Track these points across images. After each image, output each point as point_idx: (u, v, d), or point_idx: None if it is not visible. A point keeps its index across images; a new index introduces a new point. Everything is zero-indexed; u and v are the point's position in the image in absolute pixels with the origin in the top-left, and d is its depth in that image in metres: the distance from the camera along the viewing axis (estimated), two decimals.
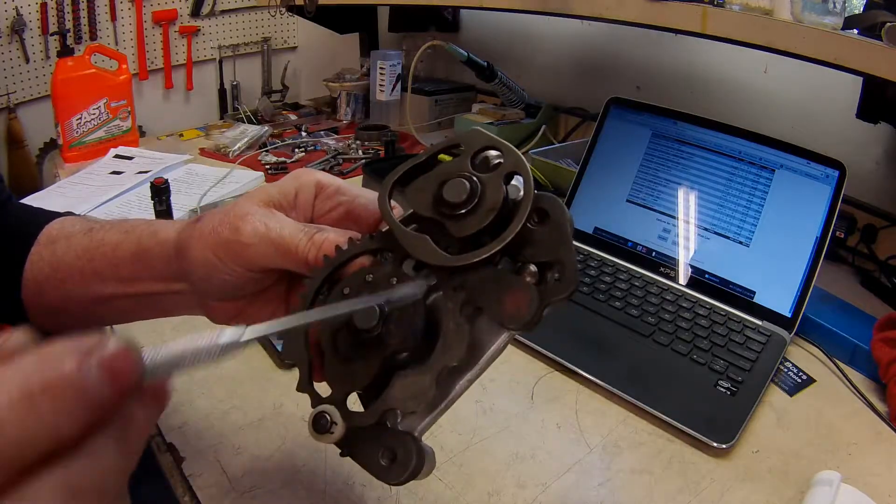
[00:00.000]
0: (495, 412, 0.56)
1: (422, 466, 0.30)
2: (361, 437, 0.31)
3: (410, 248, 0.31)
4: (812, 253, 0.69)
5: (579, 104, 1.34)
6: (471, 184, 0.30)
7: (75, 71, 1.15)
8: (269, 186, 0.38)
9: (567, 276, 0.30)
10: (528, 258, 0.30)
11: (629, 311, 0.70)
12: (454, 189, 0.30)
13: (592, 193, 0.86)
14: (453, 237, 0.31)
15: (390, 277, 0.31)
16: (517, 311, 0.29)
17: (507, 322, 0.29)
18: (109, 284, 0.41)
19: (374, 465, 0.30)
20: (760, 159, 0.75)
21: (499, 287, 0.30)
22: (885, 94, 0.83)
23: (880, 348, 0.62)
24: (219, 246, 0.35)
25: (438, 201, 0.31)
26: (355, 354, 0.31)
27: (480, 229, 0.30)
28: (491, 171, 0.31)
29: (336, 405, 0.31)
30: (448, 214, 0.31)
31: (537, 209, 0.31)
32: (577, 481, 0.49)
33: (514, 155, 0.31)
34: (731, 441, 0.53)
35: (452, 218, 0.30)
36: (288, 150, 1.26)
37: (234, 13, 1.74)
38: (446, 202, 0.30)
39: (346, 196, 0.38)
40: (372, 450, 0.30)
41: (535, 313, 0.29)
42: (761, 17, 0.75)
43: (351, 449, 0.31)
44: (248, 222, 0.34)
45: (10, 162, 1.48)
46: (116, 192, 1.01)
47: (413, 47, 1.45)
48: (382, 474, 0.30)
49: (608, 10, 0.88)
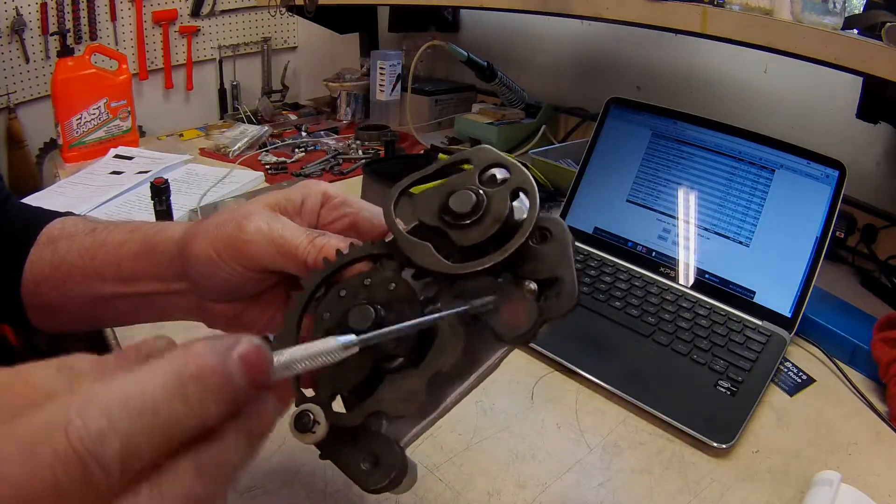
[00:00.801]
0: (495, 412, 0.56)
1: (404, 475, 0.30)
2: (344, 439, 0.30)
3: (412, 254, 0.31)
4: (812, 253, 0.69)
5: (579, 104, 1.34)
6: (477, 196, 0.31)
7: (75, 71, 1.15)
8: (276, 192, 0.38)
9: (566, 293, 0.29)
10: (529, 274, 0.30)
11: (629, 311, 0.70)
12: (461, 199, 0.31)
13: (592, 193, 0.86)
14: (456, 247, 0.31)
15: (389, 283, 0.31)
16: (514, 323, 0.29)
17: (503, 333, 0.29)
18: (110, 284, 0.41)
19: (354, 469, 0.29)
20: (760, 159, 0.75)
21: (498, 298, 0.30)
22: (885, 94, 0.83)
23: (880, 348, 0.62)
24: (220, 241, 0.35)
25: (444, 210, 0.31)
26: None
27: (484, 240, 0.30)
28: (497, 187, 0.31)
29: (321, 405, 0.30)
30: (453, 224, 0.31)
31: (540, 229, 0.31)
32: (577, 481, 0.49)
33: (521, 173, 0.32)
34: (731, 441, 0.53)
35: (457, 227, 0.31)
36: (288, 150, 1.26)
37: (234, 13, 1.74)
38: (452, 212, 0.31)
39: (351, 208, 0.38)
40: (353, 453, 0.30)
41: (531, 327, 0.29)
42: (761, 17, 0.75)
43: (332, 451, 0.30)
44: (251, 221, 0.35)
45: (10, 162, 1.48)
46: (116, 192, 1.01)
47: (413, 47, 1.45)
48: (362, 478, 0.29)
49: (608, 10, 0.88)
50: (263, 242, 0.34)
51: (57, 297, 0.43)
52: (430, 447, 0.52)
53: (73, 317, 0.44)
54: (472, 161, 0.33)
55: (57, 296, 0.43)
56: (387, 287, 0.31)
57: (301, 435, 0.29)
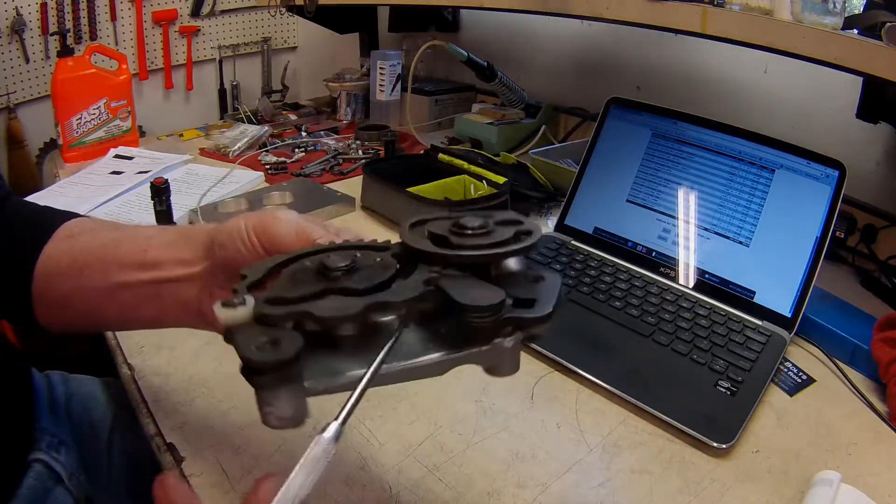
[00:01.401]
0: (495, 412, 0.56)
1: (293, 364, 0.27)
2: (256, 328, 0.28)
3: (411, 241, 0.32)
4: (812, 253, 0.69)
5: (579, 104, 1.34)
6: (486, 220, 0.33)
7: (75, 71, 1.15)
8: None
9: (540, 310, 0.30)
10: (510, 293, 0.31)
11: (629, 311, 0.70)
12: (471, 219, 0.33)
13: (592, 193, 0.86)
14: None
15: (376, 257, 0.33)
16: (475, 298, 0.29)
17: (463, 300, 0.29)
18: (128, 271, 0.43)
19: (246, 349, 0.27)
20: (760, 159, 0.75)
21: (471, 284, 0.31)
22: (885, 94, 0.83)
23: (880, 348, 0.62)
24: (253, 218, 0.40)
25: (454, 225, 0.33)
26: (305, 279, 0.31)
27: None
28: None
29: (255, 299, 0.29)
30: (458, 233, 0.32)
31: (536, 276, 0.33)
32: (577, 481, 0.49)
33: (535, 227, 0.33)
34: (731, 441, 0.53)
35: (461, 235, 0.32)
36: (288, 150, 1.26)
37: (234, 13, 1.74)
38: (461, 225, 0.32)
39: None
40: (256, 336, 0.27)
41: (493, 310, 0.29)
42: (761, 17, 0.75)
43: (238, 335, 0.28)
44: (288, 212, 0.41)
45: (10, 162, 1.48)
46: (116, 192, 1.01)
47: (413, 47, 1.45)
48: (248, 355, 0.26)
49: (608, 10, 0.88)
50: (289, 226, 0.39)
51: (69, 288, 0.44)
52: (430, 447, 0.52)
53: (79, 312, 0.45)
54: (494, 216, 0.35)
55: (69, 287, 0.44)
56: (373, 258, 0.33)
57: (223, 309, 0.28)
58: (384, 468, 0.49)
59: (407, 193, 0.89)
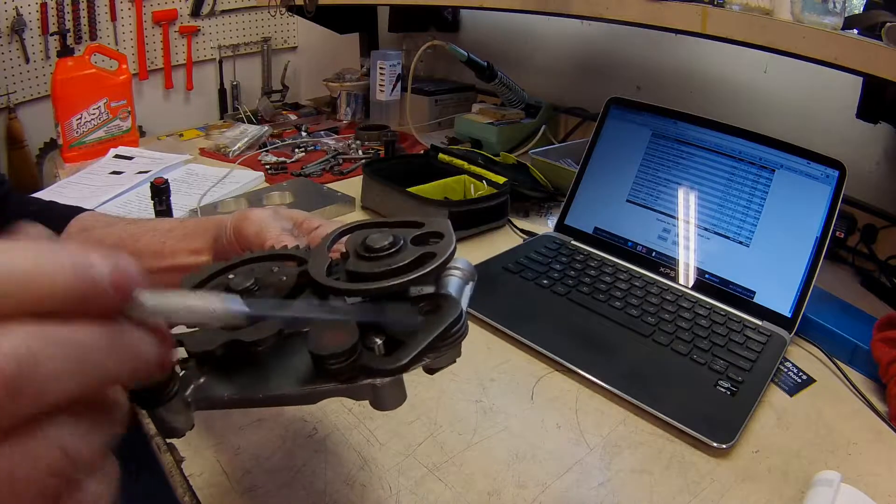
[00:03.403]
0: (495, 412, 0.56)
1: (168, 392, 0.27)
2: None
3: (309, 258, 0.33)
4: (812, 253, 0.69)
5: (579, 104, 1.34)
6: (394, 239, 0.31)
7: (75, 71, 1.15)
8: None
9: (394, 361, 0.28)
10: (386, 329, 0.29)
11: (629, 311, 0.70)
12: (380, 237, 0.31)
13: (592, 193, 0.86)
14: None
15: (283, 275, 0.33)
16: (323, 347, 0.27)
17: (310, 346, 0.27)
18: (145, 261, 0.46)
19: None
20: (760, 159, 0.75)
21: (333, 326, 0.28)
22: (885, 94, 0.83)
23: (880, 348, 0.62)
24: (235, 215, 0.43)
25: (362, 244, 0.32)
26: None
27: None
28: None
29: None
30: (362, 255, 0.31)
31: (437, 304, 0.30)
32: (577, 481, 0.49)
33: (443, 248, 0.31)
34: (731, 441, 0.53)
35: (360, 258, 0.31)
36: (288, 150, 1.26)
37: (234, 13, 1.74)
38: (366, 245, 0.31)
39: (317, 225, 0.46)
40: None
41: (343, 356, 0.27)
42: (761, 17, 0.75)
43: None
44: (258, 211, 0.43)
45: (10, 162, 1.48)
46: (116, 192, 1.01)
47: (413, 47, 1.45)
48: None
49: (608, 10, 0.88)
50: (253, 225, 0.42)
51: None
52: (430, 447, 0.52)
53: None
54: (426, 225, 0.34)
55: None
56: (280, 276, 0.33)
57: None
58: (384, 468, 0.49)
59: (407, 193, 0.89)
